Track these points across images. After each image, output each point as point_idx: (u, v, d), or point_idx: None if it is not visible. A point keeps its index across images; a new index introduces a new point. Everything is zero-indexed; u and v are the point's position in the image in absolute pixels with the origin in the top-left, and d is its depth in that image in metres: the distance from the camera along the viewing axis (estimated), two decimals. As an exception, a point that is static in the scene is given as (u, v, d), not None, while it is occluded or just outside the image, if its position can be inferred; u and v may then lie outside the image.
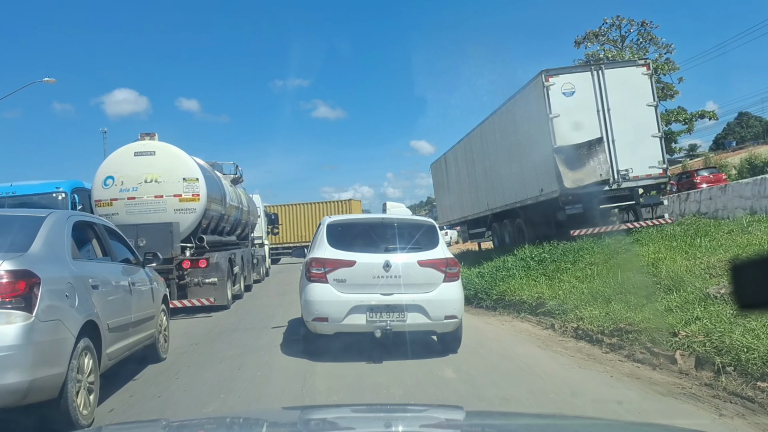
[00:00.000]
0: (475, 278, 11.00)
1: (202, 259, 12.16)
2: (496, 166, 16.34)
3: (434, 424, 2.34)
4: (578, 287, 8.02)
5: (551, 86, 12.40)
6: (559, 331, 7.21)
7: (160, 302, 6.68)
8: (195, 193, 12.27)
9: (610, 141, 12.46)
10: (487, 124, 17.01)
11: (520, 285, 9.21)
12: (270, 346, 7.19)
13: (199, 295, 11.87)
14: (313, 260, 6.31)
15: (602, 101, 12.51)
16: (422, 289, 6.14)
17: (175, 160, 12.28)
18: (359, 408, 3.40)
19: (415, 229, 6.67)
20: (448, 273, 6.28)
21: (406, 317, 6.07)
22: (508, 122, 15.13)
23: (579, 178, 12.14)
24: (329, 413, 2.78)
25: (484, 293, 9.90)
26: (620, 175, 12.44)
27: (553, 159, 12.31)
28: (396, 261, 6.15)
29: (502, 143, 15.70)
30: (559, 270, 9.60)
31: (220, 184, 14.90)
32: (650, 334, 5.57)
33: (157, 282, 6.81)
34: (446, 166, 22.59)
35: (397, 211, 38.52)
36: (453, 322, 6.30)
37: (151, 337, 6.24)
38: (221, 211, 14.48)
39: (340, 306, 6.09)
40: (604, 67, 12.66)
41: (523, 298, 8.56)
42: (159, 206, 11.84)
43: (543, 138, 12.71)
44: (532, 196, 13.79)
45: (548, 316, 7.76)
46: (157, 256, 6.53)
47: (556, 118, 12.37)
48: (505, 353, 6.37)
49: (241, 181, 19.70)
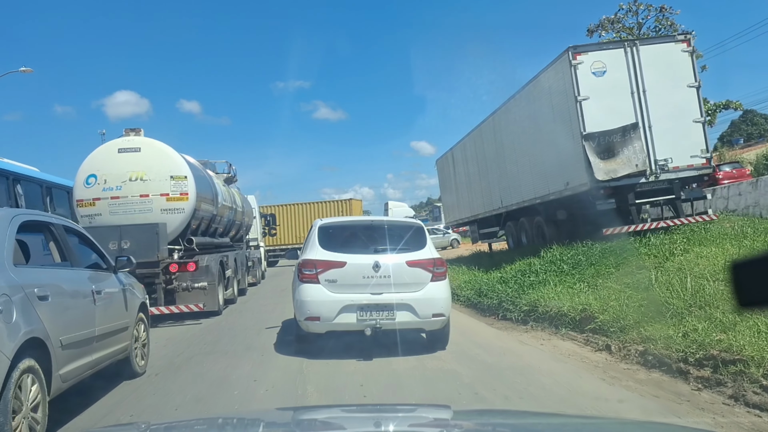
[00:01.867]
0: (498, 285, 9.59)
1: (191, 263, 11.26)
2: (511, 159, 14.92)
3: (423, 423, 2.35)
4: (633, 297, 6.58)
5: (579, 65, 10.98)
6: (618, 354, 5.72)
7: (136, 311, 6.14)
8: (183, 191, 11.50)
9: (646, 127, 11.04)
10: (500, 113, 15.59)
11: (555, 293, 7.79)
12: (260, 362, 6.61)
13: (188, 300, 11.09)
14: (305, 262, 6.50)
15: (637, 82, 11.09)
16: (410, 289, 6.31)
17: (161, 156, 11.55)
18: (350, 408, 3.45)
19: (404, 230, 6.85)
20: (436, 272, 6.43)
21: (395, 316, 6.23)
22: (526, 109, 13.69)
23: (612, 169, 10.74)
24: (321, 413, 2.78)
25: (510, 303, 8.48)
26: (658, 166, 11.02)
27: (581, 148, 10.91)
28: (385, 261, 6.33)
29: (519, 133, 14.26)
30: (600, 275, 8.21)
31: (211, 182, 14.24)
32: (764, 366, 4.15)
33: (134, 289, 6.29)
34: (453, 162, 21.16)
35: (399, 211, 37.64)
36: (441, 319, 6.43)
37: (125, 350, 5.73)
38: (212, 211, 13.74)
39: (331, 305, 6.26)
40: (639, 43, 11.18)
41: (562, 309, 7.12)
42: (145, 206, 11.14)
43: (570, 124, 11.30)
44: (555, 191, 12.37)
45: (599, 333, 6.33)
46: (131, 260, 6.01)
47: (585, 101, 10.96)
48: (567, 393, 4.79)
49: (234, 180, 18.75)
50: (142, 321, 6.41)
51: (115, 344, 5.47)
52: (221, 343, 8.07)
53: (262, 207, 31.81)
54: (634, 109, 11.05)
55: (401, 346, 6.34)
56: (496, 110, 15.85)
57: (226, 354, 7.18)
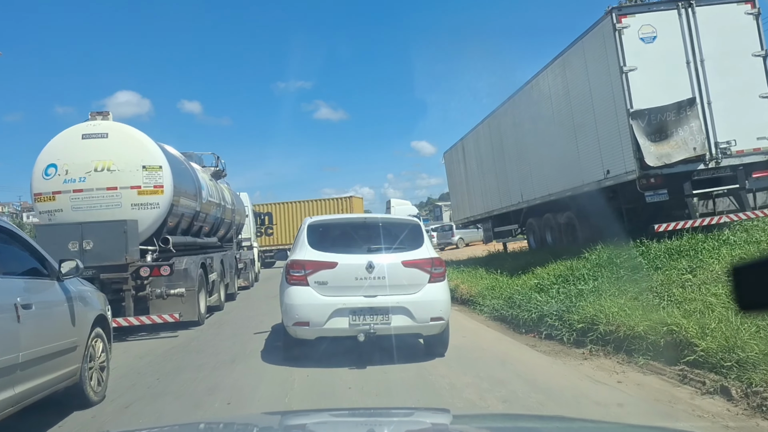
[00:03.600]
0: (534, 294, 7.81)
1: (165, 265, 9.75)
2: (535, 147, 13.13)
3: (420, 429, 2.25)
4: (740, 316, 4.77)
5: (625, 29, 9.19)
6: (743, 403, 3.87)
7: (89, 326, 5.16)
8: (158, 184, 10.09)
9: (704, 103, 9.27)
10: (522, 96, 13.79)
11: (619, 307, 6.01)
12: (242, 374, 6.05)
13: (163, 309, 9.75)
14: (292, 262, 6.19)
15: (693, 50, 9.32)
16: (407, 291, 5.99)
17: (132, 144, 10.12)
18: (341, 413, 3.25)
19: (400, 228, 6.53)
20: (434, 273, 6.10)
21: (391, 320, 5.92)
22: (555, 87, 11.89)
23: (665, 154, 8.98)
24: (310, 418, 2.61)
25: (556, 318, 6.71)
26: (719, 150, 9.25)
27: (628, 128, 9.14)
28: (379, 262, 6.01)
29: (545, 116, 12.46)
30: (672, 282, 6.44)
31: (193, 176, 12.68)
32: None
33: (87, 299, 5.35)
34: (464, 153, 19.35)
35: (402, 209, 35.99)
36: (439, 324, 6.08)
37: (72, 375, 4.81)
38: (195, 207, 12.24)
39: (321, 309, 5.95)
40: (695, 3, 9.35)
41: (636, 330, 5.35)
42: (113, 200, 9.81)
43: (613, 101, 9.53)
44: (591, 181, 10.60)
45: (702, 367, 4.51)
46: (78, 265, 5.03)
47: (632, 72, 9.17)
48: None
49: (223, 175, 17.10)
50: (100, 337, 5.43)
51: (56, 370, 4.56)
52: (201, 356, 7.11)
53: (258, 205, 30.58)
54: (690, 82, 9.28)
55: (397, 353, 5.95)
56: (516, 92, 14.06)
57: (201, 369, 6.30)
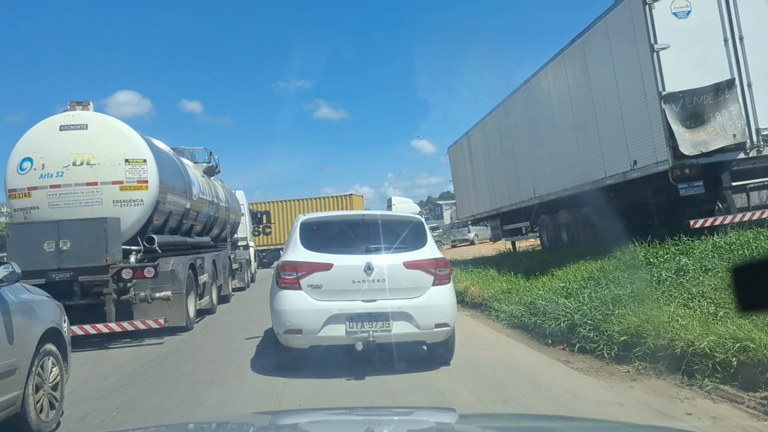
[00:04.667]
0: (561, 299, 6.85)
1: (149, 267, 9.02)
2: (550, 139, 12.23)
3: (423, 429, 2.17)
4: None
5: (656, 3, 8.26)
6: None
7: (34, 344, 4.43)
8: (141, 179, 9.42)
9: (744, 85, 8.38)
10: (535, 83, 12.85)
11: (669, 317, 5.10)
12: (229, 391, 5.47)
13: (148, 314, 9.01)
14: (283, 264, 5.84)
15: (731, 26, 8.40)
16: (409, 294, 5.62)
17: (114, 136, 9.42)
18: (338, 411, 3.15)
19: (401, 226, 6.15)
20: (438, 275, 5.72)
21: (392, 326, 5.53)
22: (573, 72, 10.96)
23: (702, 141, 8.09)
24: (303, 418, 2.54)
25: (592, 328, 5.75)
26: (761, 137, 8.37)
27: (660, 114, 8.24)
28: (379, 263, 5.64)
29: (560, 104, 11.58)
30: (728, 286, 5.56)
31: (183, 171, 11.86)
32: None
33: (33, 310, 4.61)
34: (470, 147, 18.43)
35: (403, 207, 35.06)
36: (444, 330, 5.68)
37: (10, 404, 4.10)
38: (185, 204, 11.49)
39: (315, 315, 5.55)
40: (734, -26, 8.50)
41: (697, 345, 4.44)
42: (93, 197, 9.14)
43: (641, 82, 8.62)
44: (616, 174, 9.68)
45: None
46: (14, 270, 4.34)
47: (664, 50, 8.26)
48: None
49: (217, 171, 16.27)
50: (52, 355, 4.70)
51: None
52: (177, 376, 6.30)
53: (255, 204, 29.74)
54: (729, 62, 8.39)
55: (398, 362, 5.56)
56: (529, 79, 13.12)
57: (173, 394, 5.53)
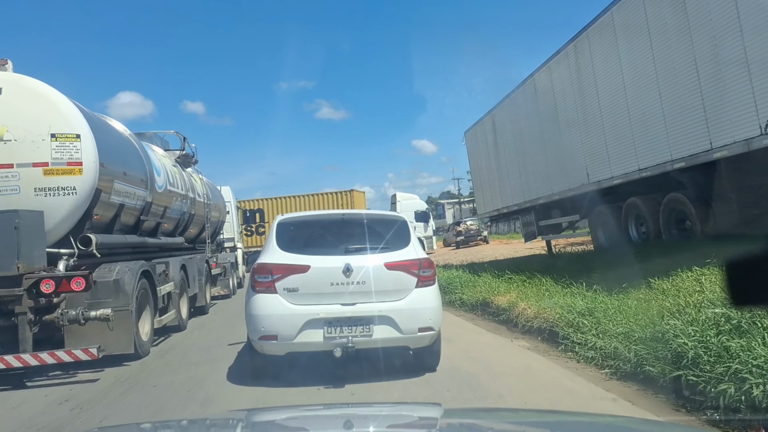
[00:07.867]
0: (726, 339, 3.97)
1: (77, 277, 6.77)
2: (616, 104, 9.76)
3: (406, 423, 2.08)
4: None
5: None
6: None
7: None
8: (73, 160, 7.35)
9: None
10: (593, 35, 10.30)
11: None
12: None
13: (84, 339, 6.83)
14: (258, 266, 5.53)
15: None
16: (391, 297, 5.33)
17: (37, 103, 7.30)
18: (316, 408, 3.06)
19: (382, 225, 5.85)
20: (422, 276, 5.42)
21: (372, 331, 5.24)
22: (661, 8, 8.50)
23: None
24: (280, 414, 2.46)
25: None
26: None
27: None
28: (359, 264, 5.33)
29: (635, 59, 9.11)
30: None
31: (142, 155, 9.75)
32: None
33: None
34: (494, 129, 15.83)
35: (408, 203, 33.06)
36: (429, 335, 5.38)
37: None
38: (144, 197, 9.43)
39: (291, 321, 5.24)
40: None
41: None
42: (7, 183, 7.13)
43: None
44: (732, 143, 7.20)
45: None
46: None
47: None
48: None
49: (193, 161, 13.71)
50: None
51: None
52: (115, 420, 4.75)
53: (246, 201, 27.80)
54: None
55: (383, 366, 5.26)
56: (582, 30, 10.62)
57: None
